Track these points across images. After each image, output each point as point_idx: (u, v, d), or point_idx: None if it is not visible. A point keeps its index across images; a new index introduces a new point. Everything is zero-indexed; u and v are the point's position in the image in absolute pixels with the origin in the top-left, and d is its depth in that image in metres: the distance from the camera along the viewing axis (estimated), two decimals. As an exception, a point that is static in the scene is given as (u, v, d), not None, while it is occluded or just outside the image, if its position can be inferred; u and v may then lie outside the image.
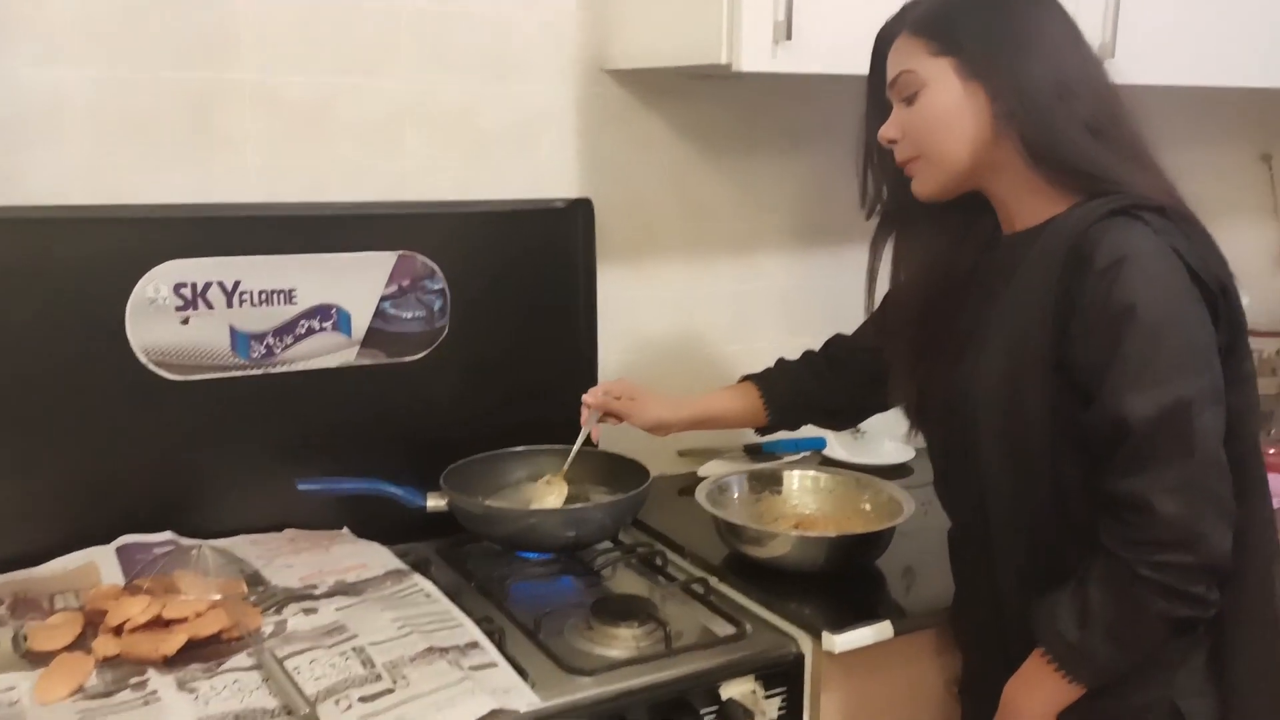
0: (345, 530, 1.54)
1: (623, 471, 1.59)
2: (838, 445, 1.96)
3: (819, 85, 1.87)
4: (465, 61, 1.59)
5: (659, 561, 1.50)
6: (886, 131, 1.21)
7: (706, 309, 1.88)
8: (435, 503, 1.47)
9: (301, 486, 1.45)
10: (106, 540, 1.40)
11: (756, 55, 1.40)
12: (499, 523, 1.46)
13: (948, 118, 1.15)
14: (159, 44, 1.40)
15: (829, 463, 1.92)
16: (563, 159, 1.69)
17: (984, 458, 1.18)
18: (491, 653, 1.18)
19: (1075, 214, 1.11)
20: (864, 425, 1.94)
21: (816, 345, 1.58)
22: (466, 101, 1.60)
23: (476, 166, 1.63)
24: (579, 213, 1.67)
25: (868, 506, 1.56)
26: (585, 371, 1.71)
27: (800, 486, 1.62)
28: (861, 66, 1.45)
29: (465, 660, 1.16)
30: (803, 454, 1.93)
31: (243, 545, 1.43)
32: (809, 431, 1.97)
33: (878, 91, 1.24)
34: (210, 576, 1.29)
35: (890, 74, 1.20)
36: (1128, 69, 1.23)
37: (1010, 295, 1.15)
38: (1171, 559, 1.03)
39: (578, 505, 1.51)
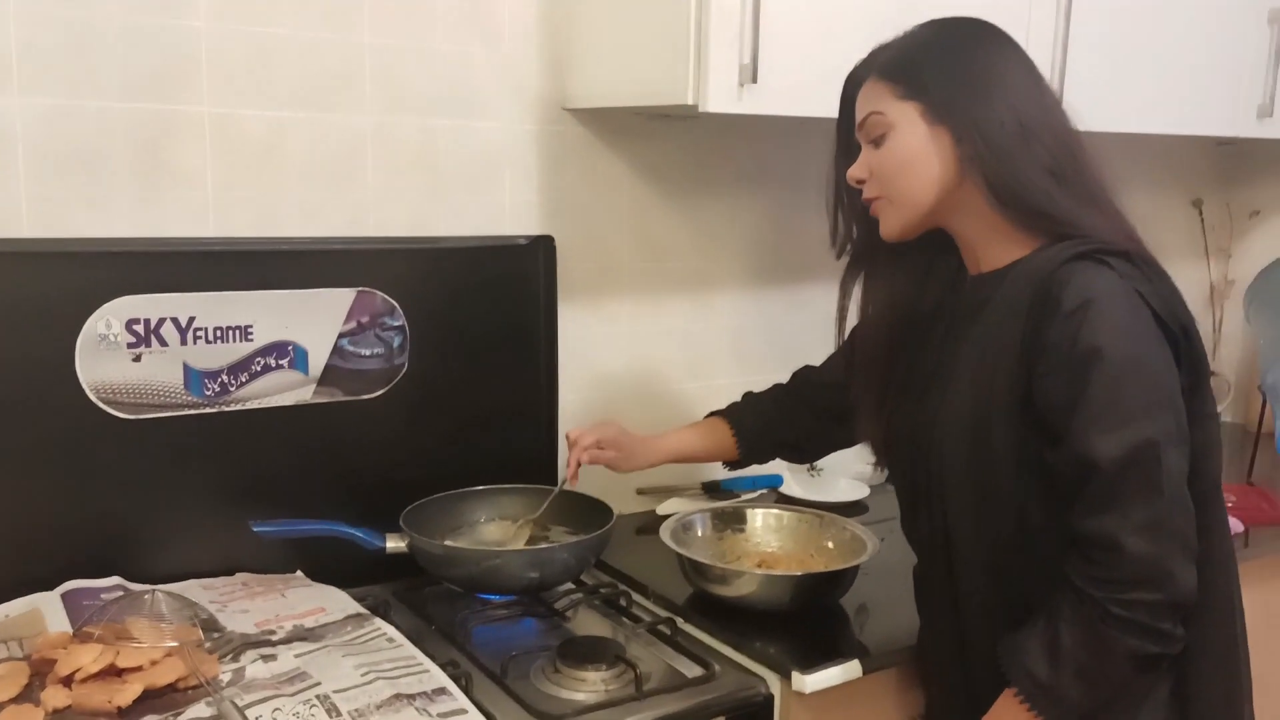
0: (299, 573, 1.50)
1: (583, 510, 1.58)
2: (794, 483, 1.97)
3: (773, 127, 1.90)
4: (425, 97, 1.58)
5: (623, 602, 1.49)
6: (855, 172, 1.23)
7: (662, 346, 1.88)
8: (395, 544, 1.44)
9: (257, 529, 1.41)
10: (50, 586, 1.35)
11: (723, 97, 1.42)
12: (461, 564, 1.43)
13: (914, 160, 1.17)
14: (110, 73, 1.36)
15: (785, 500, 1.93)
16: (522, 196, 1.68)
17: (949, 495, 1.19)
18: (460, 699, 1.16)
19: (1040, 257, 1.14)
20: (821, 463, 1.97)
21: (768, 383, 1.59)
22: (425, 137, 1.59)
23: (435, 203, 1.61)
24: (540, 250, 1.67)
25: (830, 544, 1.56)
26: (545, 410, 1.70)
27: (764, 525, 1.62)
28: (824, 109, 1.47)
29: (433, 707, 1.13)
30: (760, 491, 1.94)
31: (194, 590, 1.39)
32: (769, 468, 1.98)
33: (846, 133, 1.27)
34: (164, 623, 1.24)
35: (859, 116, 1.22)
36: (1074, 116, 1.26)
37: (977, 335, 1.17)
38: (1141, 597, 1.05)
39: (542, 546, 1.49)
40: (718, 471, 1.93)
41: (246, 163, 1.46)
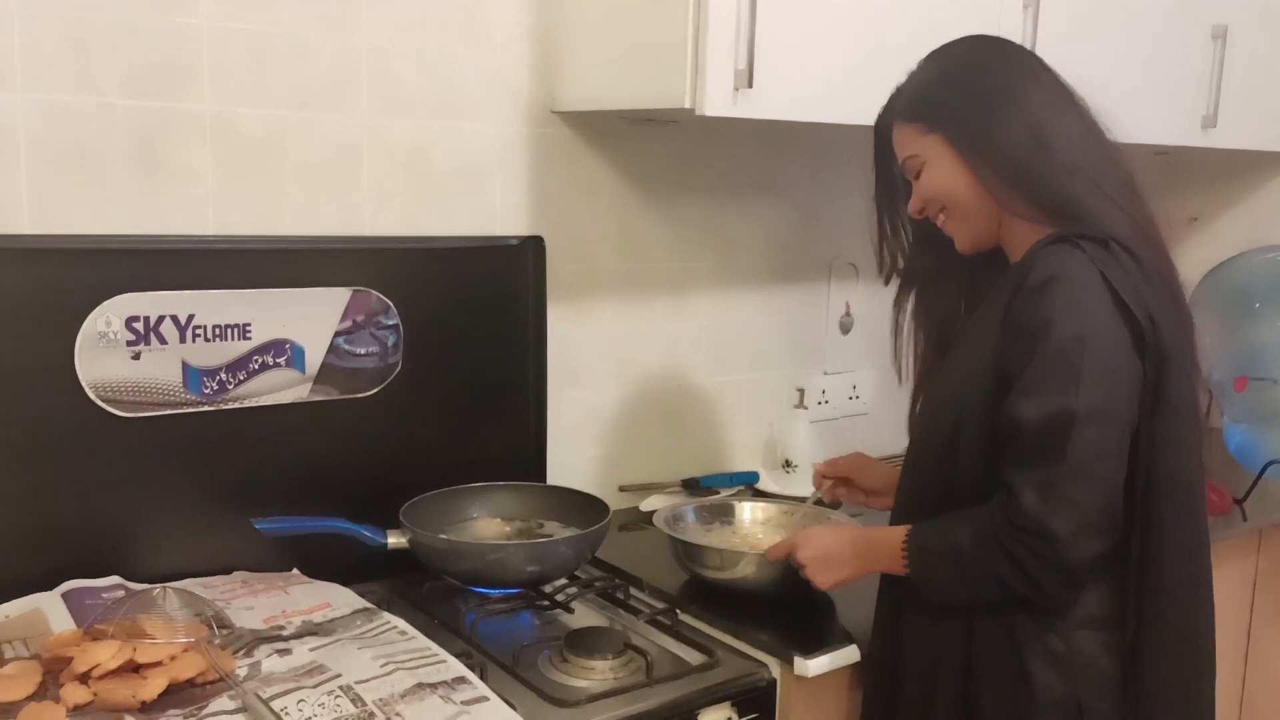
0: (295, 571, 1.50)
1: (573, 506, 1.61)
2: (769, 480, 2.02)
3: (755, 134, 1.95)
4: (418, 99, 1.60)
5: (620, 594, 1.52)
6: (911, 207, 1.32)
7: (643, 347, 1.91)
8: (396, 540, 1.46)
9: (259, 526, 1.41)
10: (48, 586, 1.33)
11: (719, 101, 1.46)
12: (463, 558, 1.45)
13: (949, 186, 1.25)
14: (109, 69, 1.36)
15: (762, 495, 1.97)
16: (512, 198, 1.71)
17: (924, 446, 1.30)
18: (481, 687, 1.17)
19: (1034, 244, 1.21)
20: (795, 459, 2.03)
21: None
22: (418, 139, 1.61)
23: (428, 203, 1.63)
24: (530, 250, 1.69)
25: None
26: (534, 408, 1.72)
27: (750, 517, 1.66)
28: (818, 115, 1.54)
29: (456, 695, 1.15)
30: (738, 488, 1.98)
31: (194, 587, 1.38)
32: (745, 465, 2.04)
33: (883, 172, 1.37)
34: (175, 620, 1.24)
35: (899, 159, 1.30)
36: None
37: (977, 316, 1.26)
38: (1028, 542, 1.13)
39: (542, 540, 1.51)
40: (695, 469, 1.99)
41: (245, 161, 1.47)
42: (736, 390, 2.05)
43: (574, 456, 1.83)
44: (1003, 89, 1.23)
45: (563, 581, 1.54)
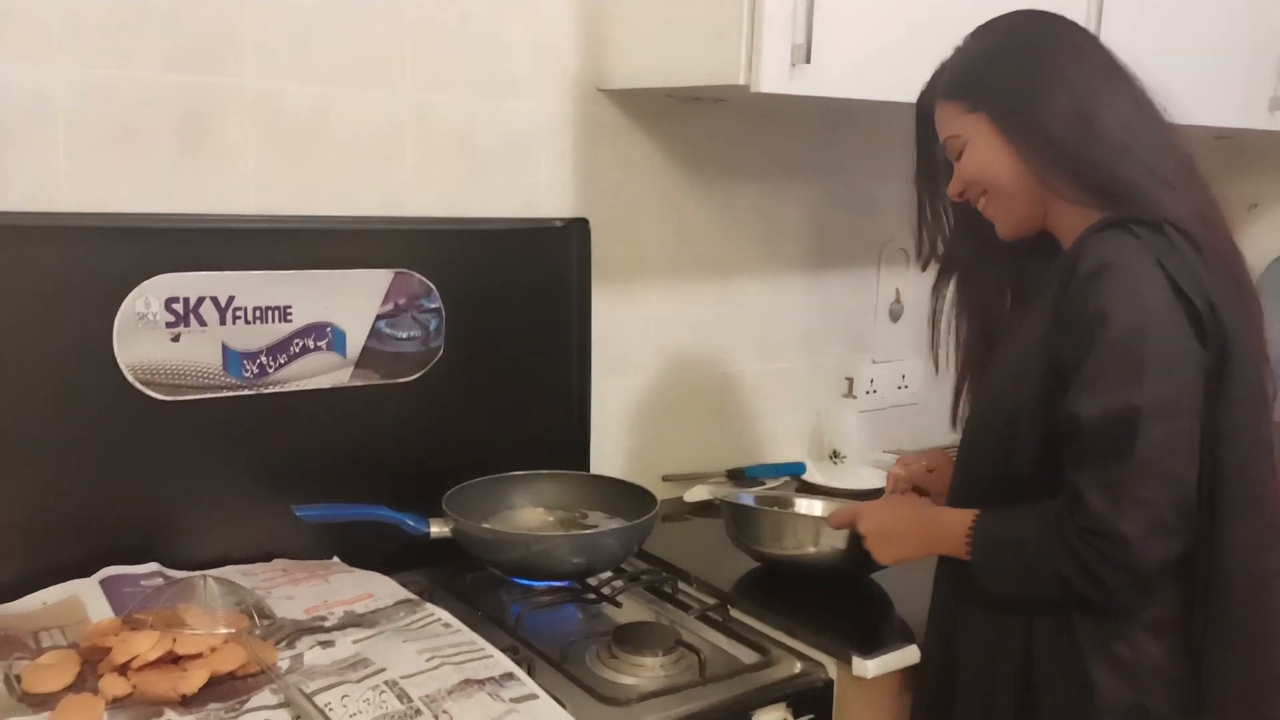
0: (335, 560, 1.47)
1: (620, 496, 1.57)
2: (816, 471, 1.96)
3: (805, 114, 1.90)
4: (463, 77, 1.55)
5: (667, 588, 1.47)
6: (951, 189, 1.26)
7: (688, 332, 1.86)
8: (439, 529, 1.42)
9: (300, 513, 1.38)
10: (86, 573, 1.30)
11: (775, 78, 1.40)
12: (508, 549, 1.41)
13: (991, 168, 1.19)
14: (152, 44, 1.32)
15: (806, 487, 1.92)
16: (557, 178, 1.66)
17: (976, 446, 1.23)
18: (529, 684, 1.13)
19: (1085, 229, 1.15)
20: (844, 450, 1.97)
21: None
22: (463, 117, 1.56)
23: (472, 183, 1.59)
24: (575, 232, 1.64)
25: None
26: (578, 395, 1.68)
27: (808, 509, 1.61)
28: (877, 92, 1.48)
29: (505, 692, 1.11)
30: (783, 479, 1.93)
31: (235, 576, 1.35)
32: (791, 455, 1.98)
33: (925, 153, 1.30)
34: (216, 610, 1.21)
35: (940, 139, 1.25)
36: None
37: (1026, 307, 1.21)
38: (1092, 543, 1.07)
39: (589, 531, 1.47)
40: (740, 458, 1.94)
41: (288, 139, 1.43)
42: (783, 378, 1.99)
43: (615, 445, 1.78)
44: (1048, 66, 1.17)
45: (608, 574, 1.50)
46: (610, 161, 1.71)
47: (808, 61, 1.41)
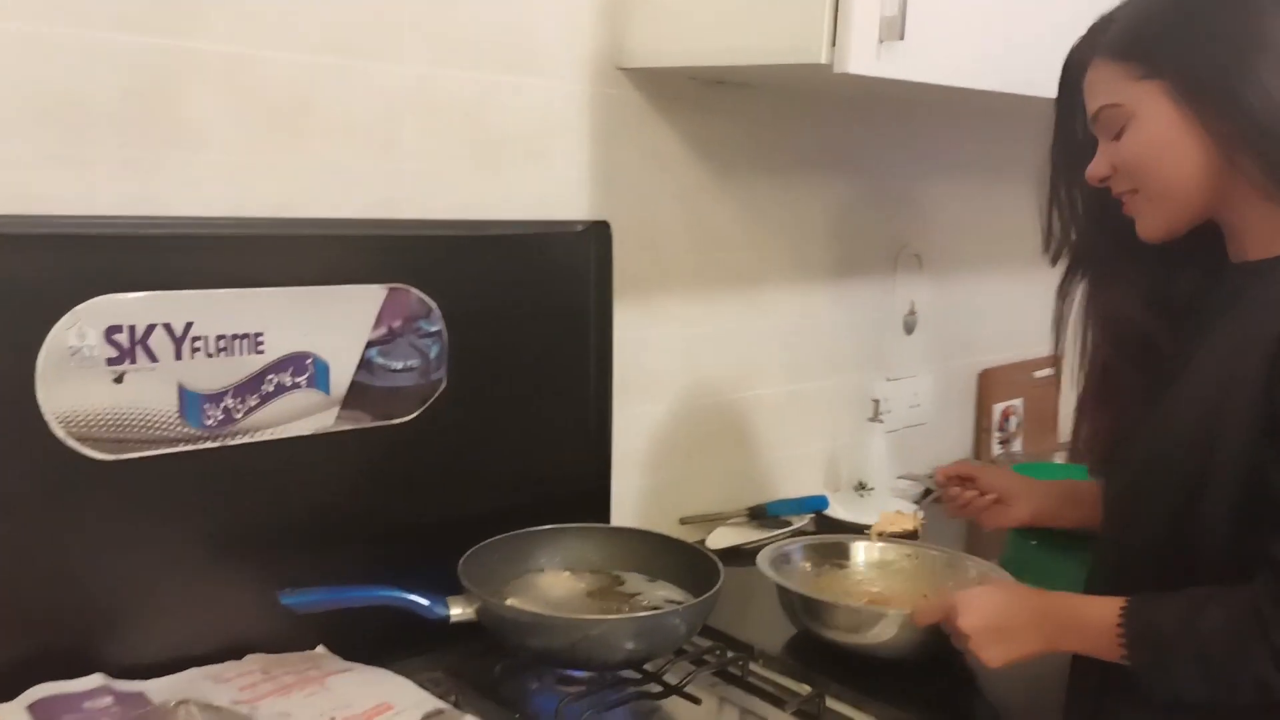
0: (321, 649, 1.18)
1: (654, 553, 1.33)
2: (838, 504, 1.75)
3: (845, 104, 1.68)
4: (472, 44, 1.27)
5: (735, 669, 1.23)
6: (1096, 170, 1.03)
7: (712, 350, 1.61)
8: (460, 610, 1.14)
9: (287, 601, 1.08)
10: (7, 695, 0.98)
11: (863, 56, 1.17)
12: (549, 633, 1.13)
13: (1166, 149, 0.98)
14: (96, -4, 1.01)
15: (828, 523, 1.70)
16: (572, 172, 1.39)
17: (1153, 498, 1.02)
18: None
19: None
20: (869, 481, 1.77)
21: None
22: (472, 95, 1.28)
23: (479, 177, 1.31)
24: (595, 238, 1.38)
25: (949, 583, 1.34)
26: (598, 429, 1.42)
27: (866, 559, 1.39)
28: (977, 78, 1.26)
29: None
30: (807, 515, 1.70)
31: (204, 685, 1.04)
32: (813, 489, 1.77)
33: (1065, 120, 1.08)
34: (196, 748, 0.91)
35: (1091, 108, 1.02)
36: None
37: (1225, 331, 0.99)
38: None
39: (654, 611, 1.20)
40: (758, 493, 1.71)
41: (264, 121, 1.12)
42: (805, 400, 1.77)
43: (631, 484, 1.53)
44: (1246, 30, 0.95)
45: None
46: (629, 153, 1.45)
47: (901, 38, 1.18)
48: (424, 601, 1.13)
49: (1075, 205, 1.10)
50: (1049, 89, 1.10)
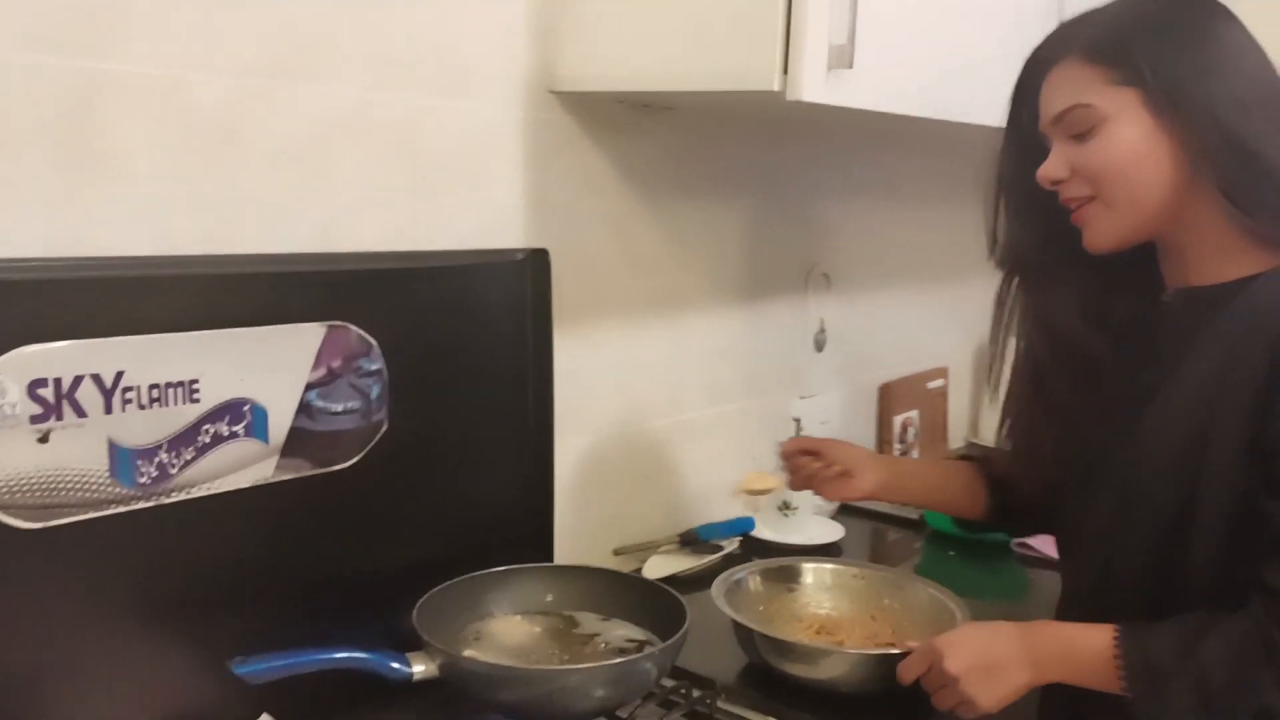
0: (265, 717, 1.09)
1: (601, 589, 1.29)
2: (764, 526, 1.74)
3: (751, 122, 1.67)
4: (409, 69, 1.21)
5: (703, 707, 1.20)
6: (1051, 171, 1.01)
7: (642, 377, 1.59)
8: (422, 667, 1.08)
9: (240, 671, 1.00)
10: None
11: (814, 83, 1.16)
12: (517, 686, 1.08)
13: (1135, 158, 0.97)
14: (9, 12, 0.90)
15: (755, 544, 1.70)
16: (508, 199, 1.35)
17: (1134, 528, 1.02)
18: None
19: None
20: (795, 501, 1.77)
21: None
22: (407, 120, 1.22)
23: (416, 206, 1.25)
24: (533, 266, 1.33)
25: (889, 603, 1.35)
26: (539, 463, 1.37)
27: (816, 582, 1.39)
28: (926, 108, 1.28)
29: None
30: (737, 537, 1.69)
31: (149, 770, 0.96)
32: (739, 511, 1.76)
33: (1020, 124, 1.06)
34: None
35: (1056, 107, 1.00)
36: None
37: (1194, 361, 0.99)
38: None
39: (627, 658, 1.16)
40: (690, 517, 1.70)
41: (193, 146, 1.04)
42: (727, 422, 1.76)
43: (565, 518, 1.48)
44: (1224, 46, 0.96)
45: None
46: (562, 178, 1.41)
47: (850, 66, 1.18)
48: (391, 663, 1.06)
49: (1019, 209, 1.09)
50: (985, 116, 1.12)
